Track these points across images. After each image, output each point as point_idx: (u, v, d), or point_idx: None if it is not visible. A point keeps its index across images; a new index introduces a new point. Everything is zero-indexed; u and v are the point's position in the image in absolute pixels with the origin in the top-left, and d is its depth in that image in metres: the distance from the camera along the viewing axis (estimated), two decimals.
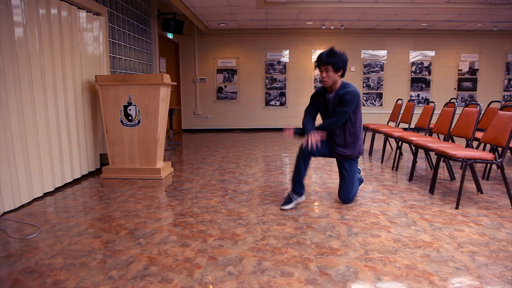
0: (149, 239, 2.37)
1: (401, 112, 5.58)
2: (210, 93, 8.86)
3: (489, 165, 4.01)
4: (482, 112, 4.59)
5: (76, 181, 3.91)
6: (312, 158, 3.22)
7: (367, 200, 3.20)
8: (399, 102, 5.67)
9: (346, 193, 3.10)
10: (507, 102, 5.02)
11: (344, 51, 3.01)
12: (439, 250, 2.17)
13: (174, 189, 3.61)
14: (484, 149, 4.78)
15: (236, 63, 8.76)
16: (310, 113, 3.14)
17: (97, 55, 4.35)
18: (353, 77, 8.82)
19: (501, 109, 3.29)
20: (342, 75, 3.01)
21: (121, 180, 3.97)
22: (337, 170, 4.42)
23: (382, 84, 8.87)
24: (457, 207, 2.96)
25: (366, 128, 5.65)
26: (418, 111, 5.34)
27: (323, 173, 4.25)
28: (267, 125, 8.90)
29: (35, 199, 3.24)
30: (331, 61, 2.89)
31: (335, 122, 2.97)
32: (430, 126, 4.68)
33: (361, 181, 3.45)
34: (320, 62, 2.94)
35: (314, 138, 2.88)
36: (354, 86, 3.05)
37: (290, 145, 6.46)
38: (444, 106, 4.51)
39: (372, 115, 8.87)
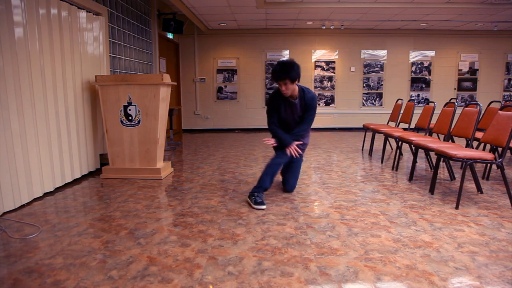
0: (149, 239, 2.37)
1: (401, 112, 5.58)
2: (210, 93, 8.86)
3: (489, 165, 4.01)
4: (482, 112, 4.59)
5: (76, 181, 3.91)
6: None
7: (367, 200, 3.20)
8: (399, 102, 5.67)
9: (294, 181, 3.46)
10: (507, 102, 5.02)
11: (293, 59, 3.22)
12: (439, 250, 2.17)
13: (174, 189, 3.61)
14: (484, 149, 4.78)
15: (236, 63, 8.76)
16: (276, 124, 3.39)
17: (97, 55, 4.35)
18: (353, 77, 8.83)
19: (501, 109, 3.29)
20: (298, 81, 3.22)
21: (121, 180, 3.97)
22: (337, 170, 4.43)
23: (382, 84, 8.87)
24: (457, 207, 2.96)
25: (366, 128, 5.66)
26: (418, 111, 5.34)
27: (323, 173, 4.25)
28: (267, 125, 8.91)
29: (35, 199, 3.24)
30: (288, 75, 3.09)
31: (308, 128, 3.36)
32: (430, 126, 4.67)
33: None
34: (277, 78, 3.13)
35: (297, 148, 3.23)
36: (311, 89, 3.38)
37: None
38: (444, 106, 4.50)
39: (372, 115, 8.87)
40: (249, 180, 3.92)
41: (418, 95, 8.92)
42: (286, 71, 3.08)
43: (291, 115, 3.37)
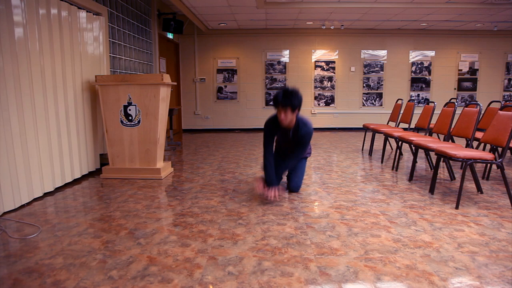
0: (149, 239, 2.37)
1: (401, 112, 5.58)
2: (210, 93, 8.86)
3: (489, 165, 4.01)
4: (482, 112, 4.59)
5: (76, 181, 3.91)
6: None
7: (367, 200, 3.20)
8: (399, 102, 5.67)
9: (297, 180, 3.45)
10: (507, 102, 5.02)
11: (297, 88, 3.10)
12: (439, 250, 2.17)
13: (174, 189, 3.61)
14: (484, 149, 4.78)
15: (236, 63, 8.76)
16: (270, 149, 3.25)
17: (97, 55, 4.35)
18: (353, 77, 8.83)
19: (501, 109, 3.29)
20: (298, 111, 3.15)
21: (121, 180, 3.97)
22: (337, 170, 4.43)
23: (382, 84, 8.87)
24: (457, 207, 2.96)
25: (366, 128, 5.66)
26: (418, 111, 5.34)
27: (323, 173, 4.25)
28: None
29: (35, 199, 3.24)
30: (290, 103, 3.00)
31: (298, 158, 3.32)
32: (430, 126, 4.67)
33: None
34: (279, 104, 3.04)
35: (276, 193, 3.13)
36: (309, 122, 3.24)
37: None
38: (444, 106, 4.51)
39: (372, 115, 8.87)
40: (249, 180, 3.92)
41: (418, 95, 8.91)
42: (289, 98, 3.00)
43: (284, 143, 3.41)
